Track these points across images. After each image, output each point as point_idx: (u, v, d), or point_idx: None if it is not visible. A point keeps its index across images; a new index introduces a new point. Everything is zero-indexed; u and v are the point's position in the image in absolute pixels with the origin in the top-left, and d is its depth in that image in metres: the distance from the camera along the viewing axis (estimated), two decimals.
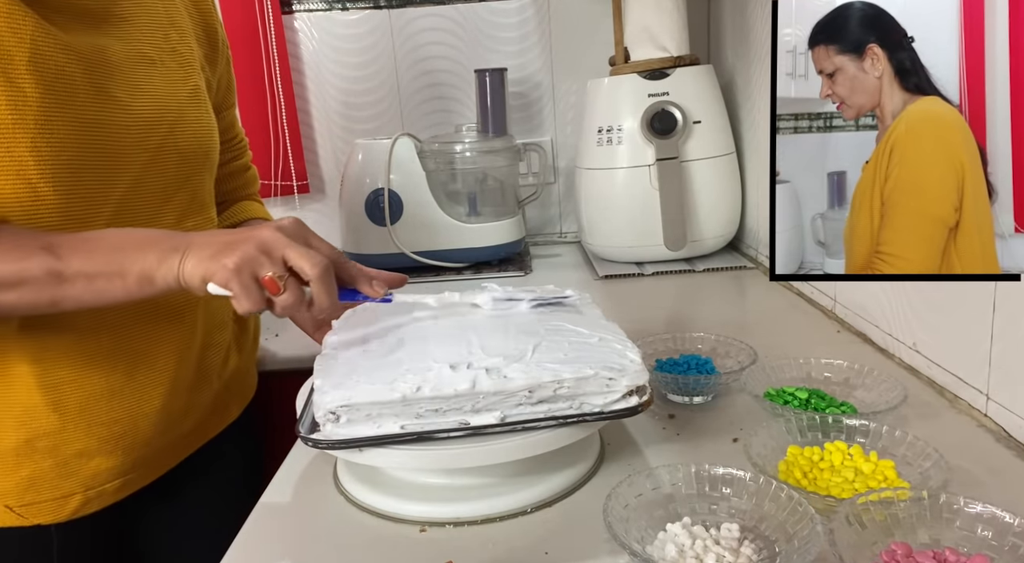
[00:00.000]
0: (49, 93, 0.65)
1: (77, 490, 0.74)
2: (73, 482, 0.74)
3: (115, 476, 0.76)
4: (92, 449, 0.74)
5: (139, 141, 0.73)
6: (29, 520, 0.74)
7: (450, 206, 1.41)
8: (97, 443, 0.74)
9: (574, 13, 1.52)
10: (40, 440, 0.71)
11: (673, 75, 1.27)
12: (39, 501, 0.73)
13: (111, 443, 0.74)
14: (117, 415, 0.74)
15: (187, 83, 0.80)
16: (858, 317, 0.94)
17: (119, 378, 0.74)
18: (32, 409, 0.70)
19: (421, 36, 1.54)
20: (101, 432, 0.74)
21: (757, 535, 0.53)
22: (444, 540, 0.58)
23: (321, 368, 0.62)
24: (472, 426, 0.57)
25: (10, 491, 0.72)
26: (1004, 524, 0.48)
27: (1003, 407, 0.67)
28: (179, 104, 0.78)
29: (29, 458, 0.71)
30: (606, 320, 0.70)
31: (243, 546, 0.60)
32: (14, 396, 0.70)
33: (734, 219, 1.35)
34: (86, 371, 0.72)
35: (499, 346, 0.62)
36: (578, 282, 1.30)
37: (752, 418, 0.71)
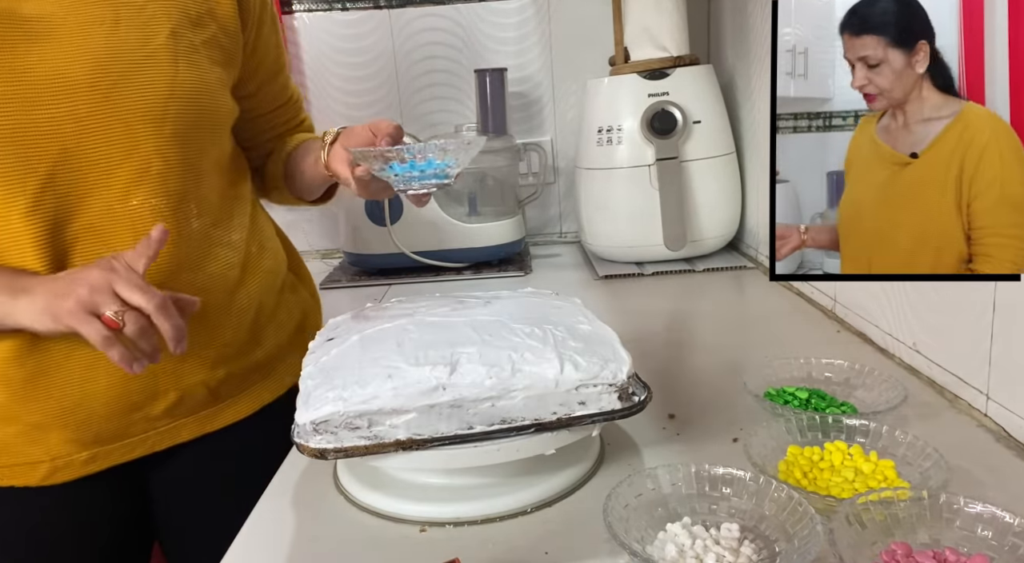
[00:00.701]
0: None
1: (44, 458, 0.77)
2: (39, 450, 0.77)
3: (80, 448, 0.78)
4: (47, 423, 0.75)
5: (67, 111, 0.70)
6: (3, 481, 0.77)
7: (450, 206, 1.41)
8: (50, 418, 0.75)
9: (574, 13, 1.52)
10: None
11: (673, 75, 1.27)
12: (9, 464, 0.77)
13: (63, 418, 0.76)
14: (64, 391, 0.75)
15: (148, 43, 0.75)
16: (858, 317, 0.94)
17: (57, 357, 0.74)
18: None
19: (421, 36, 1.54)
20: (51, 407, 0.75)
21: (757, 535, 0.53)
22: (444, 540, 0.58)
23: (306, 373, 0.63)
24: (466, 433, 0.57)
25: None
26: (1004, 524, 0.48)
27: (1003, 407, 0.67)
28: (125, 66, 0.73)
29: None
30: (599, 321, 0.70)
31: (243, 546, 0.60)
32: None
33: (734, 219, 1.35)
34: (23, 350, 0.73)
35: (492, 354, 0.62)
36: (578, 282, 1.30)
37: (752, 418, 0.71)
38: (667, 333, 1.04)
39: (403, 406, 0.57)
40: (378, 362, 0.61)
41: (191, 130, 0.79)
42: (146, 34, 0.75)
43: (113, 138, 0.73)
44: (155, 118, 0.75)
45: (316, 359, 0.65)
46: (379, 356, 0.62)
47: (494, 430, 0.58)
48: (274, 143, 0.98)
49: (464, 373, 0.59)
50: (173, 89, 0.76)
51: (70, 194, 0.71)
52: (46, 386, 0.74)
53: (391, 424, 0.57)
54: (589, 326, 0.67)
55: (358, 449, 0.57)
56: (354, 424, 0.57)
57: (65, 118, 0.70)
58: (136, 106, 0.74)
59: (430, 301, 0.75)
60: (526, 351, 0.61)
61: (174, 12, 0.77)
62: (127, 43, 0.74)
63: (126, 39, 0.74)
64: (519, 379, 0.58)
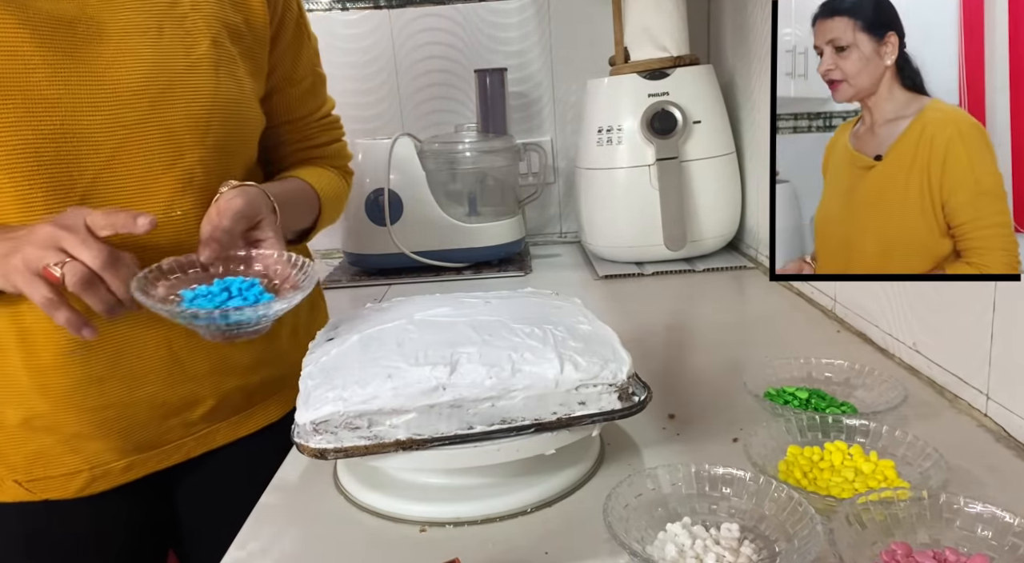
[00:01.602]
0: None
1: (83, 467, 0.75)
2: (78, 459, 0.75)
3: (119, 456, 0.76)
4: (87, 432, 0.74)
5: (113, 118, 0.69)
6: (37, 495, 0.75)
7: (450, 206, 1.41)
8: (91, 427, 0.74)
9: (574, 13, 1.52)
10: (36, 420, 0.72)
11: (673, 75, 1.27)
12: (46, 476, 0.74)
13: (104, 427, 0.74)
14: (107, 401, 0.74)
15: (192, 52, 0.74)
16: (858, 317, 0.94)
17: (102, 366, 0.73)
18: (24, 392, 0.71)
19: (421, 36, 1.54)
20: (93, 417, 0.74)
21: (757, 535, 0.53)
22: (444, 540, 0.58)
23: (306, 373, 0.63)
24: (466, 433, 0.57)
25: (18, 465, 0.74)
26: (1004, 524, 0.48)
27: (1003, 407, 0.67)
28: (171, 74, 0.73)
29: (31, 435, 0.73)
30: (599, 321, 0.70)
31: (243, 546, 0.59)
32: (7, 378, 0.71)
33: (734, 219, 1.35)
34: (68, 359, 0.71)
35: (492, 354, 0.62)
36: (578, 282, 1.30)
37: (752, 418, 0.71)
38: (667, 333, 1.04)
39: (403, 406, 0.57)
40: (378, 362, 0.61)
41: (231, 140, 0.79)
42: (188, 43, 0.75)
43: (158, 147, 0.72)
44: (199, 128, 0.75)
45: (316, 359, 0.65)
46: (379, 356, 0.62)
47: (494, 430, 0.58)
48: (289, 160, 0.94)
49: (464, 373, 0.59)
50: (215, 99, 0.76)
51: (112, 202, 0.69)
52: (91, 395, 0.73)
53: (391, 424, 0.57)
54: (589, 326, 0.67)
55: (358, 449, 0.57)
56: (354, 424, 0.57)
57: (113, 125, 0.69)
58: (181, 115, 0.73)
59: (430, 301, 0.75)
60: (526, 351, 0.61)
61: (214, 22, 0.77)
62: (172, 52, 0.73)
63: (170, 48, 0.73)
64: (519, 379, 0.58)
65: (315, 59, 0.94)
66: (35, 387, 0.71)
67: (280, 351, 0.87)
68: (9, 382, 0.71)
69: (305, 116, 0.93)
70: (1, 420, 0.73)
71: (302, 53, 0.90)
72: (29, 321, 0.70)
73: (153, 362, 0.76)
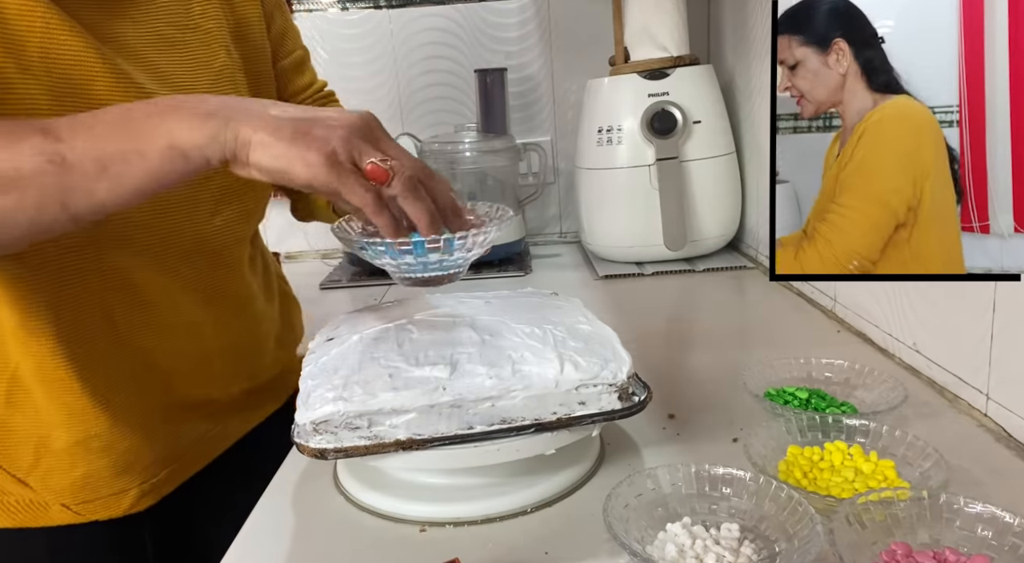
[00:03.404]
0: (64, 82, 0.61)
1: (132, 485, 0.74)
2: (128, 477, 0.73)
3: (163, 466, 0.76)
4: (139, 446, 0.73)
5: None
6: (85, 517, 0.73)
7: None
8: (144, 441, 0.73)
9: (574, 13, 1.52)
10: (92, 441, 0.70)
11: (673, 75, 1.27)
12: (95, 498, 0.73)
13: (155, 438, 0.74)
14: (153, 405, 0.73)
15: (213, 64, 0.73)
16: (858, 317, 0.94)
17: (162, 376, 0.73)
18: (80, 412, 0.68)
19: (421, 36, 1.54)
20: (145, 426, 0.73)
21: (757, 535, 0.53)
22: (444, 540, 0.58)
23: (306, 373, 0.63)
24: (466, 433, 0.57)
25: (65, 489, 0.71)
26: (1004, 524, 0.48)
27: (1003, 407, 0.67)
28: (203, 90, 0.72)
29: (84, 458, 0.70)
30: (599, 321, 0.70)
31: (243, 546, 0.60)
32: (59, 399, 0.68)
33: (734, 219, 1.35)
34: (126, 376, 0.70)
35: (492, 354, 0.62)
36: (578, 282, 1.30)
37: (752, 418, 0.71)
38: (667, 333, 1.04)
39: (403, 406, 0.57)
40: (378, 362, 0.61)
41: None
42: (208, 55, 0.73)
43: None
44: None
45: (316, 359, 0.65)
46: (379, 356, 0.62)
47: (494, 430, 0.57)
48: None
49: (464, 373, 0.59)
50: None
51: (161, 214, 0.68)
52: (148, 405, 0.72)
53: (391, 424, 0.57)
54: (589, 326, 0.67)
55: (358, 449, 0.57)
56: (354, 424, 0.57)
57: None
58: None
59: (430, 301, 0.75)
60: (526, 351, 0.61)
61: (223, 29, 0.75)
62: (198, 64, 0.72)
63: (197, 60, 0.72)
64: (519, 379, 0.58)
65: (297, 32, 0.91)
66: (96, 405, 0.69)
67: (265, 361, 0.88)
68: (60, 406, 0.68)
69: (302, 90, 0.90)
70: (47, 444, 0.69)
71: (288, 26, 0.87)
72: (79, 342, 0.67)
73: (189, 361, 0.76)
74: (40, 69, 0.60)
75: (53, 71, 0.60)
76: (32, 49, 0.59)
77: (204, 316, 0.77)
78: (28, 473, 0.71)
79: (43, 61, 0.60)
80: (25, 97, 0.59)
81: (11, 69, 0.58)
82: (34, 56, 0.59)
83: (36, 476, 0.71)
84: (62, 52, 0.60)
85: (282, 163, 0.51)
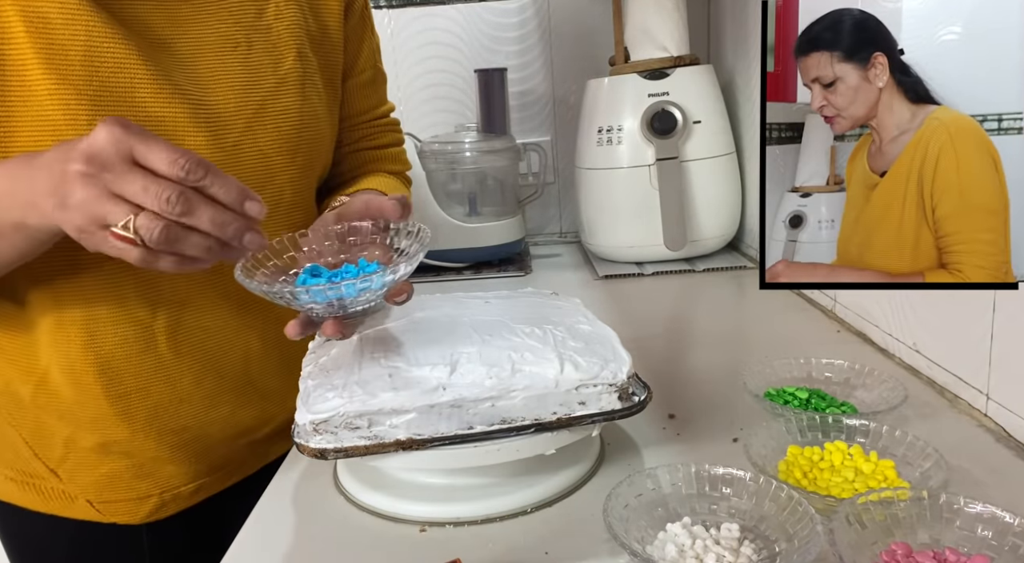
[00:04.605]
0: (105, 90, 0.59)
1: (153, 492, 0.74)
2: (149, 484, 0.74)
3: (189, 480, 0.76)
4: (164, 456, 0.73)
5: (211, 140, 0.66)
6: (107, 517, 0.74)
7: (450, 206, 1.41)
8: (168, 451, 0.73)
9: (574, 13, 1.52)
10: (113, 445, 0.71)
11: (673, 75, 1.27)
12: (116, 500, 0.73)
13: (182, 450, 0.73)
14: (185, 422, 0.73)
15: (279, 68, 0.71)
16: (858, 317, 0.94)
17: (187, 386, 0.71)
18: (102, 418, 0.69)
19: (421, 36, 1.54)
20: (171, 440, 0.72)
21: (757, 535, 0.53)
22: (444, 540, 0.58)
23: (306, 373, 0.63)
24: (466, 433, 0.57)
25: (90, 486, 0.73)
26: (1004, 524, 0.48)
27: (1003, 407, 0.67)
28: (263, 94, 0.69)
29: (107, 457, 0.71)
30: (600, 322, 0.70)
31: (243, 546, 0.59)
32: (84, 407, 0.69)
33: (734, 219, 1.35)
34: (153, 381, 0.70)
35: (492, 354, 0.62)
36: (578, 282, 1.30)
37: (752, 418, 0.71)
38: (667, 333, 1.04)
39: (403, 406, 0.57)
40: (378, 362, 0.61)
41: (314, 157, 0.76)
42: (275, 58, 0.71)
43: (252, 170, 0.69)
44: (290, 149, 0.72)
45: (316, 359, 0.65)
46: (379, 356, 0.62)
47: (494, 430, 0.58)
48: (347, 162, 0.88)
49: (464, 373, 0.59)
50: (302, 117, 0.73)
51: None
52: (170, 419, 0.71)
53: (391, 424, 0.57)
54: (589, 326, 0.67)
55: (358, 449, 0.57)
56: (354, 424, 0.57)
57: (213, 147, 0.66)
58: (273, 136, 0.70)
59: (430, 301, 0.75)
60: (526, 351, 0.61)
61: (298, 31, 0.73)
62: (261, 68, 0.70)
63: (260, 63, 0.70)
64: (519, 379, 0.58)
65: (377, 54, 0.88)
66: (116, 414, 0.69)
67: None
68: (87, 410, 0.69)
69: (364, 112, 0.88)
70: (75, 442, 0.71)
71: (364, 44, 0.84)
72: (108, 348, 0.67)
73: (230, 381, 0.75)
74: (80, 78, 0.59)
75: (94, 80, 0.59)
76: (74, 57, 0.58)
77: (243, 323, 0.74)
78: (59, 465, 0.72)
79: (84, 69, 0.59)
80: (64, 107, 0.58)
81: (52, 80, 0.58)
82: (75, 64, 0.58)
83: (65, 469, 0.72)
84: (104, 59, 0.60)
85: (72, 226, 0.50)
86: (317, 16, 0.76)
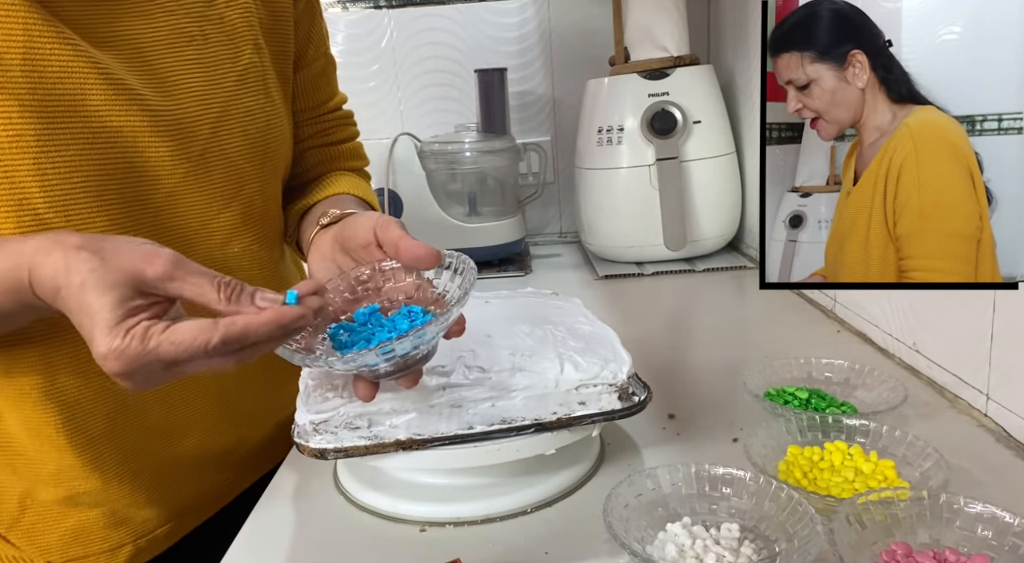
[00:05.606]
0: (52, 100, 0.53)
1: (127, 540, 0.67)
2: (123, 532, 0.67)
3: (164, 521, 0.70)
4: (141, 500, 0.67)
5: (176, 150, 0.60)
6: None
7: (450, 206, 1.41)
8: (145, 493, 0.67)
9: (574, 13, 1.52)
10: (82, 497, 0.64)
11: (673, 75, 1.27)
12: (86, 555, 0.66)
13: (157, 490, 0.68)
14: (158, 460, 0.67)
15: (237, 62, 0.64)
16: (858, 317, 0.94)
17: (155, 420, 0.66)
18: (67, 470, 0.62)
19: (421, 36, 1.54)
20: (144, 481, 0.66)
21: (757, 535, 0.53)
22: (444, 540, 0.58)
23: (306, 373, 0.63)
24: (466, 433, 0.57)
25: (53, 545, 0.65)
26: (1004, 524, 0.48)
27: (1003, 407, 0.67)
28: (225, 94, 0.63)
29: (74, 509, 0.64)
30: (601, 323, 0.70)
31: (243, 546, 0.59)
32: (46, 463, 0.62)
33: (734, 219, 1.35)
34: (119, 420, 0.63)
35: (492, 354, 0.62)
36: (578, 282, 1.30)
37: (752, 418, 0.71)
38: (667, 333, 1.04)
39: (403, 406, 0.57)
40: None
41: (281, 162, 0.71)
42: (232, 51, 0.64)
43: (221, 181, 0.64)
44: (258, 153, 0.66)
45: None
46: None
47: (494, 430, 0.57)
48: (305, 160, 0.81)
49: (464, 373, 0.59)
50: (268, 117, 0.67)
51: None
52: (142, 456, 0.66)
53: (391, 424, 0.57)
54: (589, 326, 0.67)
55: (358, 449, 0.57)
56: (354, 424, 0.57)
57: (176, 158, 0.60)
58: (240, 141, 0.65)
59: None
60: (526, 351, 0.61)
61: (251, 19, 0.67)
62: (220, 63, 0.63)
63: (217, 58, 0.63)
64: (519, 379, 0.58)
65: (326, 41, 0.81)
66: (85, 464, 0.62)
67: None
68: (51, 465, 0.62)
69: (318, 105, 0.81)
70: (33, 496, 0.64)
71: (313, 30, 0.77)
72: (71, 393, 0.60)
73: (202, 410, 0.69)
74: (22, 87, 0.52)
75: (38, 89, 0.52)
76: (12, 61, 0.51)
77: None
78: (10, 528, 0.65)
79: (26, 76, 0.52)
80: (5, 123, 0.51)
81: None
82: (15, 70, 0.51)
83: (19, 531, 0.65)
84: (48, 62, 0.52)
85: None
86: (266, 1, 0.70)
